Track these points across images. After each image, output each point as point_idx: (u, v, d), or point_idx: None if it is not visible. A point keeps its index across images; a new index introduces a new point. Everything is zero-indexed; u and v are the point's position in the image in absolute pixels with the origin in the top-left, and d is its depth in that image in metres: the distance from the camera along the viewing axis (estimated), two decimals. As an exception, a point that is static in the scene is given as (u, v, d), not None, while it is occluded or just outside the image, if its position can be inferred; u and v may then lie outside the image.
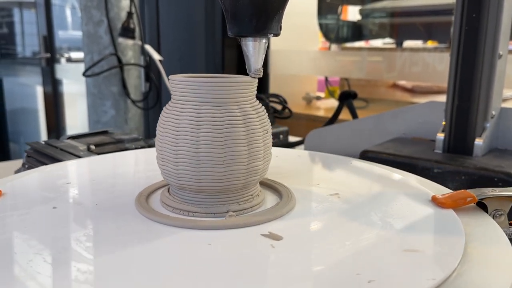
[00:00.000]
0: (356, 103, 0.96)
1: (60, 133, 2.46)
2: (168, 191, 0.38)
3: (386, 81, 1.63)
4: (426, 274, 0.26)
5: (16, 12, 3.15)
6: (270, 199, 0.38)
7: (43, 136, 2.72)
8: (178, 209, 0.35)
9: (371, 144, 0.71)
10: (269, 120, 0.36)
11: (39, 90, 2.66)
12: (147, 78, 1.64)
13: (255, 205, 0.36)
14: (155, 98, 1.65)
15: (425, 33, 1.49)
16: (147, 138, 0.72)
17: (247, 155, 0.33)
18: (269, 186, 0.41)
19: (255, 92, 0.35)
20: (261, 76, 0.35)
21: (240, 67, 1.59)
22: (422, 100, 1.31)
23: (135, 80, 1.58)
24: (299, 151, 0.57)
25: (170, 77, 0.35)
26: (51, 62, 2.36)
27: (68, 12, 2.82)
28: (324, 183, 0.44)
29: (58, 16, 2.56)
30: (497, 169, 0.57)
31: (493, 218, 0.36)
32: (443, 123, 0.67)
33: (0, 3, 3.19)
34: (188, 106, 0.33)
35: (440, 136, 0.66)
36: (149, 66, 1.59)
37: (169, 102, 0.35)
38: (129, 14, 1.44)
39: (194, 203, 0.35)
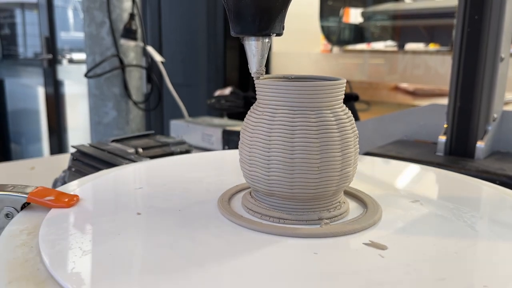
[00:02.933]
0: (358, 105, 0.96)
1: (62, 134, 2.46)
2: (251, 196, 0.36)
3: (388, 84, 1.63)
4: None
5: (18, 13, 3.15)
6: (352, 206, 0.37)
7: (45, 137, 2.72)
8: (267, 216, 0.34)
9: (373, 147, 0.71)
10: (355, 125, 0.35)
11: (41, 91, 2.66)
12: (149, 80, 1.64)
13: (343, 212, 0.35)
14: (157, 100, 1.65)
15: (427, 35, 1.49)
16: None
17: (340, 161, 0.33)
18: (348, 193, 0.40)
19: (343, 95, 0.34)
20: (263, 76, 0.35)
21: (242, 69, 1.59)
22: (424, 102, 1.31)
23: (137, 81, 1.58)
24: (360, 156, 0.55)
25: (257, 81, 0.34)
26: (53, 63, 2.37)
27: (70, 13, 2.83)
28: (399, 189, 0.43)
29: (60, 17, 2.57)
30: (499, 172, 0.57)
31: None
32: (445, 125, 0.66)
33: (2, 4, 3.19)
34: (281, 111, 0.32)
35: (442, 138, 0.66)
36: (150, 67, 1.59)
37: (256, 106, 0.34)
38: (131, 16, 1.45)
39: (284, 210, 0.34)
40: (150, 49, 1.46)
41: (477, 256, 0.29)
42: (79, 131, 2.48)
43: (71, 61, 2.60)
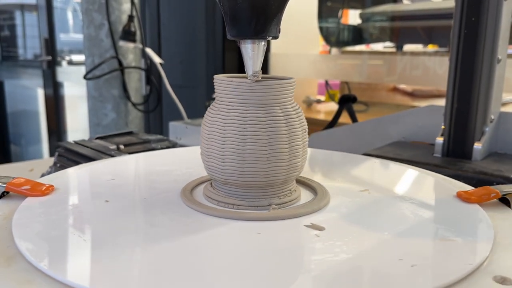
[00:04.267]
0: (356, 106, 0.96)
1: (61, 135, 2.46)
2: (211, 185, 0.40)
3: (386, 85, 1.63)
4: (464, 259, 0.28)
5: (17, 14, 3.16)
6: (305, 194, 0.41)
7: (44, 138, 2.72)
8: (223, 203, 0.37)
9: (370, 148, 0.71)
10: (305, 120, 0.38)
11: (40, 93, 2.66)
12: (148, 81, 1.64)
13: (293, 199, 0.38)
14: (156, 101, 1.65)
15: (426, 37, 1.49)
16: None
17: (288, 153, 0.36)
18: (303, 183, 0.43)
19: (293, 93, 0.37)
20: (260, 78, 0.35)
21: (241, 70, 1.58)
22: (422, 104, 1.31)
23: (136, 83, 1.58)
24: (324, 151, 0.59)
25: (215, 77, 0.36)
26: (52, 64, 2.37)
27: (69, 15, 2.83)
28: (352, 180, 0.47)
29: (60, 19, 2.57)
30: (496, 173, 0.57)
31: None
32: (443, 127, 0.67)
33: (2, 6, 3.20)
34: (235, 107, 0.35)
35: (440, 140, 0.66)
36: (149, 69, 1.59)
37: (214, 102, 0.37)
38: (130, 18, 1.45)
39: (238, 197, 0.37)
40: (149, 50, 1.46)
41: (403, 235, 0.33)
42: (78, 132, 2.48)
43: (70, 62, 2.60)
